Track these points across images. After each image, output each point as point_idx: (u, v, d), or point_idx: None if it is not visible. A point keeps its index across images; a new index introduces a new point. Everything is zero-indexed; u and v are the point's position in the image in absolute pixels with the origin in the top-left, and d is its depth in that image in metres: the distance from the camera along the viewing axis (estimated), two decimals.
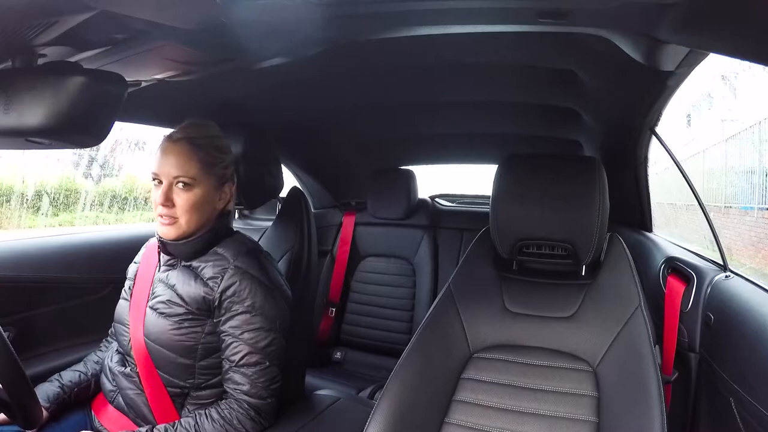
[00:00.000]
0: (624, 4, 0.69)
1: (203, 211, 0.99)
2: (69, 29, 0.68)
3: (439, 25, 0.86)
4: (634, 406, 0.81)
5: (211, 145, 0.99)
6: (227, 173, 1.03)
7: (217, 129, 1.04)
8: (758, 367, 0.84)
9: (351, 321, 2.01)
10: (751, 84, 6.87)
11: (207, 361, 0.98)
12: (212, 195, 0.99)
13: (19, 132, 0.70)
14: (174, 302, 0.97)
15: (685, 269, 1.16)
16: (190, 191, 0.96)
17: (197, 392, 0.99)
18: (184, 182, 0.96)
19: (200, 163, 0.96)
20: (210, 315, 0.98)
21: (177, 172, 0.95)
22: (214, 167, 0.99)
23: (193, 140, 0.97)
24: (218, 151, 1.01)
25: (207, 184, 0.98)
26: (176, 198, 0.96)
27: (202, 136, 0.99)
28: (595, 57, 0.97)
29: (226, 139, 1.04)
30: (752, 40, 0.59)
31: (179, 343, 0.96)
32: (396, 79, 1.32)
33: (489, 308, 1.01)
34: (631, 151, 1.35)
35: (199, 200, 0.97)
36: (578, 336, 0.94)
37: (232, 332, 0.95)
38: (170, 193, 0.96)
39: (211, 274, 0.97)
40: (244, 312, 0.95)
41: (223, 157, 1.01)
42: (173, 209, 0.96)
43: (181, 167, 0.95)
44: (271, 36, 0.87)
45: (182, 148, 0.96)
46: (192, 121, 1.02)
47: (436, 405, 0.93)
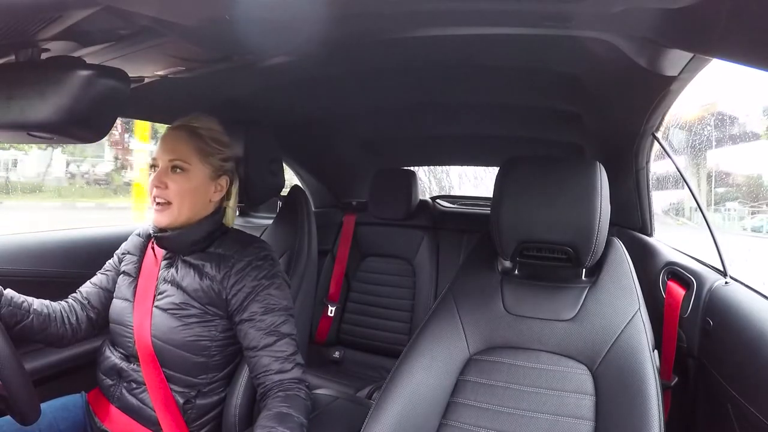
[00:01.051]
0: (628, 9, 0.69)
1: (196, 199, 1.00)
2: (73, 24, 0.68)
3: (443, 26, 0.86)
4: (632, 410, 0.81)
5: (209, 135, 1.02)
6: (225, 167, 1.04)
7: (219, 125, 1.06)
8: (756, 373, 0.84)
9: (350, 321, 2.01)
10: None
11: (220, 357, 1.00)
12: (206, 184, 1.01)
13: (22, 126, 0.70)
14: (188, 303, 0.98)
15: (685, 274, 1.16)
16: (184, 176, 0.98)
17: (207, 387, 1.00)
18: (178, 166, 0.98)
19: (196, 150, 0.99)
20: (224, 314, 0.99)
21: (172, 155, 0.98)
22: (210, 156, 1.00)
23: (192, 128, 1.01)
24: (216, 143, 1.02)
25: (202, 171, 0.99)
26: (170, 182, 0.98)
27: (202, 127, 1.02)
28: (598, 61, 0.97)
29: (225, 135, 1.06)
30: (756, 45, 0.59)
31: (194, 343, 0.97)
32: (399, 79, 1.32)
33: (489, 310, 1.01)
34: (632, 155, 1.35)
35: (192, 186, 0.98)
36: (577, 339, 0.94)
37: (249, 322, 0.97)
38: (164, 176, 0.98)
39: (219, 272, 0.98)
40: (257, 301, 0.97)
41: (220, 149, 1.03)
42: (166, 191, 0.97)
43: (176, 151, 0.98)
44: (275, 34, 0.87)
45: (180, 134, 0.99)
46: (195, 114, 1.04)
47: (434, 406, 0.93)
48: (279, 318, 0.97)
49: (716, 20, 0.62)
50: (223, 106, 1.36)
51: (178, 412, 0.98)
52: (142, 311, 1.01)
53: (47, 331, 1.01)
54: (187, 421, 0.99)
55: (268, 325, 0.96)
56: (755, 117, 2.32)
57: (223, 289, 0.98)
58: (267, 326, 0.96)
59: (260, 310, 0.97)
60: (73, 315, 1.06)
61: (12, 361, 0.85)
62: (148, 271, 1.06)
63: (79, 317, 1.07)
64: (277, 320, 0.97)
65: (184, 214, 0.99)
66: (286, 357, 0.95)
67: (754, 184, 2.55)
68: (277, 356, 0.95)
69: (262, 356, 0.95)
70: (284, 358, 0.95)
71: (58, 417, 1.05)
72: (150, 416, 0.98)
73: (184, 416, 0.99)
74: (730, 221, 2.56)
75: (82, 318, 1.07)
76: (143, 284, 1.04)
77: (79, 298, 1.09)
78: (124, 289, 1.07)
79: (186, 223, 1.00)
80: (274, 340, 0.95)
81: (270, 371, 0.94)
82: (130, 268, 1.09)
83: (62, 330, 1.04)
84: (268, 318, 0.97)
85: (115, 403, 1.02)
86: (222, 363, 1.01)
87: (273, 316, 0.97)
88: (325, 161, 2.13)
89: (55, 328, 1.02)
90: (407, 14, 0.81)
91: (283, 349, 0.95)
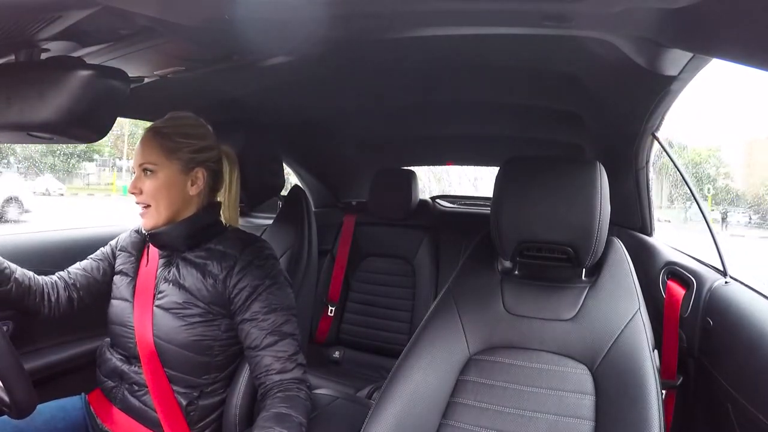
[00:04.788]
0: (628, 9, 0.69)
1: (171, 195, 1.00)
2: (73, 24, 0.68)
3: (444, 26, 0.86)
4: (632, 409, 0.81)
5: (175, 132, 1.02)
6: (197, 158, 1.03)
7: (193, 119, 1.05)
8: (756, 373, 0.84)
9: (350, 321, 2.01)
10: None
11: (223, 357, 1.00)
12: (178, 179, 1.01)
13: (21, 126, 0.71)
14: (190, 302, 0.98)
15: (685, 274, 1.16)
16: (153, 176, 1.00)
17: (209, 388, 1.00)
18: (147, 168, 1.00)
19: (161, 148, 1.00)
20: (227, 313, 0.99)
21: (141, 159, 1.00)
22: (176, 152, 1.01)
23: (157, 129, 1.02)
24: (182, 137, 1.02)
25: (169, 168, 1.00)
26: (142, 185, 1.00)
27: (167, 125, 1.02)
28: (598, 61, 0.97)
29: (204, 128, 1.05)
30: (756, 45, 0.59)
31: (197, 342, 0.97)
32: (399, 79, 1.32)
33: (489, 310, 1.01)
34: (632, 155, 1.35)
35: (162, 184, 0.99)
36: (577, 338, 0.94)
37: (251, 321, 0.97)
38: (138, 181, 1.00)
39: (221, 271, 0.99)
40: (259, 301, 0.97)
41: (189, 142, 1.02)
42: (142, 195, 1.00)
43: (144, 155, 1.00)
44: (274, 34, 0.87)
45: (146, 137, 1.01)
46: (170, 114, 1.05)
47: (434, 406, 0.93)
48: (281, 318, 0.97)
49: (716, 20, 0.62)
50: (223, 106, 1.36)
51: (181, 414, 0.98)
52: (142, 311, 1.01)
53: (24, 302, 1.03)
54: (190, 423, 0.99)
55: (270, 324, 0.96)
56: None
57: (225, 288, 0.98)
58: (269, 326, 0.96)
59: (262, 310, 0.97)
60: (54, 292, 1.07)
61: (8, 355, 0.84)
62: (147, 271, 1.05)
63: (60, 296, 1.08)
64: (279, 320, 0.97)
65: (164, 212, 1.00)
66: (287, 357, 0.95)
67: None
68: (279, 356, 0.95)
69: (263, 356, 0.95)
70: (286, 358, 0.95)
71: (56, 417, 1.04)
72: (152, 418, 0.98)
73: (187, 418, 0.98)
74: None
75: (63, 297, 1.08)
76: (142, 284, 1.04)
77: (65, 277, 1.10)
78: (123, 289, 1.06)
79: (172, 220, 1.01)
80: (276, 339, 0.95)
81: (271, 371, 0.94)
82: (128, 268, 1.08)
83: (39, 304, 1.05)
84: (271, 317, 0.97)
85: (118, 404, 1.02)
86: (224, 363, 1.01)
87: (275, 316, 0.97)
88: (325, 161, 2.13)
89: (32, 301, 1.04)
90: (407, 14, 0.81)
91: (285, 349, 0.95)
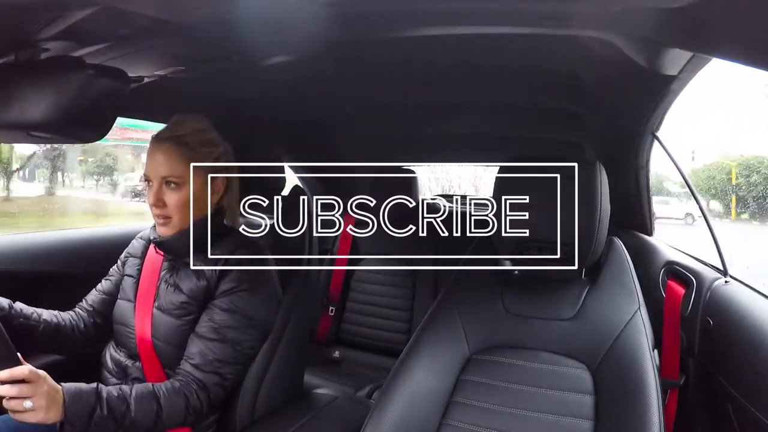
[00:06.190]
0: (627, 9, 0.69)
1: (196, 207, 0.99)
2: (72, 24, 0.68)
3: (444, 25, 0.86)
4: (633, 409, 0.81)
5: (197, 141, 0.99)
6: (218, 167, 1.02)
7: (204, 122, 1.03)
8: (756, 372, 0.84)
9: (350, 320, 2.01)
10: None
11: None
12: (203, 192, 1.00)
13: (21, 126, 0.71)
14: (187, 303, 0.98)
15: (685, 274, 1.16)
16: (180, 190, 0.97)
17: None
18: (173, 182, 0.97)
19: (186, 161, 0.97)
20: None
21: (165, 172, 0.96)
22: (201, 163, 0.99)
23: (178, 138, 0.98)
24: (205, 146, 1.00)
25: (196, 181, 0.98)
26: (167, 198, 0.97)
27: (187, 133, 0.99)
28: (598, 60, 0.97)
29: (215, 131, 1.04)
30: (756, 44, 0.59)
31: None
32: (399, 79, 1.32)
33: (488, 309, 1.01)
34: (632, 155, 1.35)
35: (188, 198, 0.98)
36: (577, 338, 0.94)
37: (209, 310, 0.97)
38: (161, 193, 0.97)
39: (215, 273, 0.99)
40: (226, 297, 0.97)
41: (210, 151, 1.01)
42: (165, 209, 0.97)
43: (168, 167, 0.96)
44: (275, 34, 0.87)
45: (168, 148, 0.97)
46: (178, 117, 1.01)
47: (434, 405, 0.93)
48: (234, 321, 0.96)
49: (716, 20, 0.62)
50: (223, 106, 1.36)
51: None
52: (143, 312, 1.01)
53: (59, 339, 1.03)
54: None
55: (219, 321, 0.95)
56: None
57: (214, 288, 0.98)
58: (217, 322, 0.95)
59: (222, 306, 0.96)
60: (81, 322, 1.07)
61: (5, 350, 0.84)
62: (150, 273, 1.06)
63: (87, 324, 1.08)
64: (230, 322, 0.96)
65: (184, 222, 0.99)
66: (211, 359, 0.93)
67: None
68: (204, 353, 0.93)
69: (194, 343, 0.94)
70: (210, 359, 0.93)
71: None
72: None
73: None
74: None
75: (90, 324, 1.08)
76: (145, 285, 1.04)
77: (85, 306, 1.10)
78: (128, 289, 1.07)
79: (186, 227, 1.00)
80: (214, 338, 0.94)
81: (189, 360, 0.93)
82: (133, 271, 1.09)
83: (72, 337, 1.05)
84: (224, 316, 0.96)
85: None
86: None
87: (229, 317, 0.96)
88: (325, 160, 2.13)
89: (65, 336, 1.04)
90: (407, 14, 0.81)
91: (214, 351, 0.94)
